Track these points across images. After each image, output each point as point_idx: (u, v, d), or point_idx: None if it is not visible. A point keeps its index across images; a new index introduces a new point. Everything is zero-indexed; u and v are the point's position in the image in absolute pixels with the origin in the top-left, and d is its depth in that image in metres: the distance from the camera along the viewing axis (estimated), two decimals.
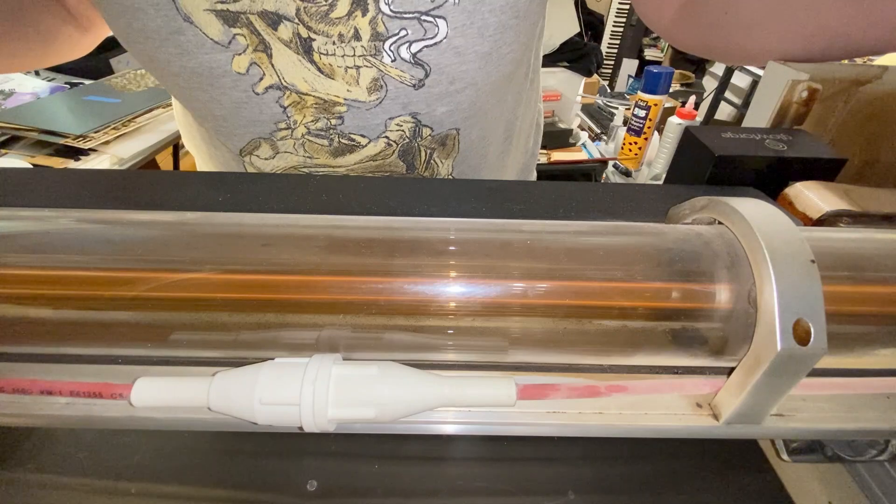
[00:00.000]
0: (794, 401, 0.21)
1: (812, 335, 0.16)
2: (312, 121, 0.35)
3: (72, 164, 0.78)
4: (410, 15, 0.31)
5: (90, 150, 0.80)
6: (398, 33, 0.32)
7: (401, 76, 0.33)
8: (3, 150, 0.80)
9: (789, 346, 0.16)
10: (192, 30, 0.31)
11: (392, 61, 0.33)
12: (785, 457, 0.22)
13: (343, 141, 0.36)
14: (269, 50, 0.32)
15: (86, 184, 0.37)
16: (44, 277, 0.19)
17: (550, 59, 1.38)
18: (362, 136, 0.36)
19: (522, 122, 0.47)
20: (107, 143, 0.82)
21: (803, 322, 0.17)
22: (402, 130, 0.36)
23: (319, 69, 0.33)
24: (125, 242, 0.21)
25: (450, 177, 0.41)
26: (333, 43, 0.32)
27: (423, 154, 0.38)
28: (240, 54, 0.32)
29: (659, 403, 0.21)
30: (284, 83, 0.33)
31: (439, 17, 0.31)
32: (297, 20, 0.31)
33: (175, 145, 1.12)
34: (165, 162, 1.17)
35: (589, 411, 0.20)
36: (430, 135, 0.37)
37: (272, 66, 0.33)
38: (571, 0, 1.31)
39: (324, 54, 0.32)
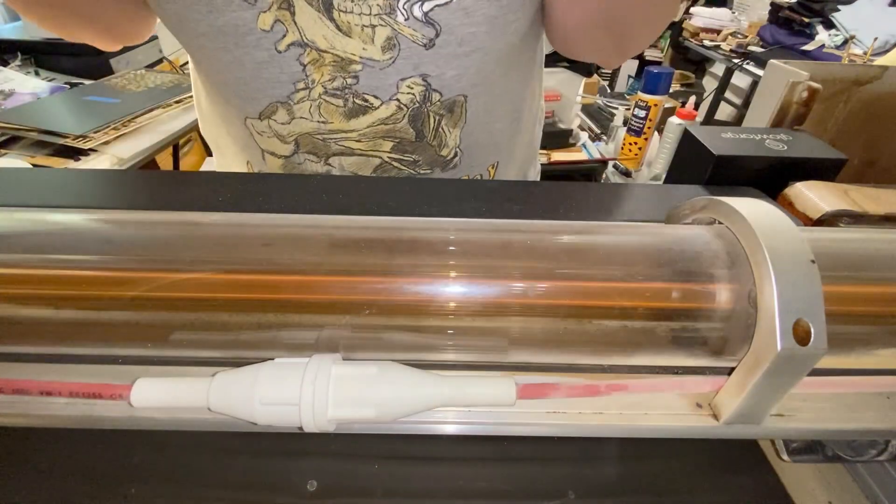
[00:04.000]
0: (794, 401, 0.21)
1: (812, 335, 0.16)
2: (329, 80, 0.38)
3: (72, 165, 0.78)
4: None
5: (90, 150, 0.80)
6: None
7: (413, 35, 0.36)
8: (3, 150, 0.79)
9: (789, 347, 0.16)
10: None
11: (405, 20, 0.35)
12: (785, 457, 0.22)
13: (357, 101, 0.39)
14: (292, 7, 0.34)
15: (85, 184, 0.37)
16: (44, 277, 0.19)
17: (550, 59, 1.38)
18: (375, 97, 0.39)
19: (528, 110, 0.49)
20: (106, 143, 0.82)
21: (803, 322, 0.17)
22: (413, 94, 0.39)
23: (338, 27, 0.35)
24: (125, 242, 0.21)
25: (457, 149, 0.44)
26: (352, 0, 0.34)
27: (432, 120, 0.41)
28: (265, 11, 0.35)
29: (659, 403, 0.21)
30: (305, 40, 0.36)
31: None
32: None
33: (175, 145, 1.12)
34: (165, 162, 1.17)
35: (589, 411, 0.20)
36: (438, 100, 0.40)
37: (294, 23, 0.35)
38: None
39: (343, 11, 0.35)
